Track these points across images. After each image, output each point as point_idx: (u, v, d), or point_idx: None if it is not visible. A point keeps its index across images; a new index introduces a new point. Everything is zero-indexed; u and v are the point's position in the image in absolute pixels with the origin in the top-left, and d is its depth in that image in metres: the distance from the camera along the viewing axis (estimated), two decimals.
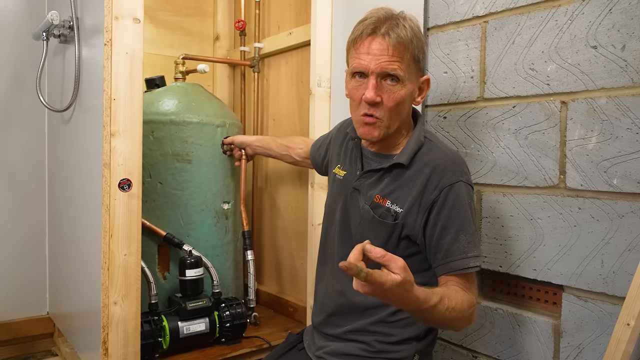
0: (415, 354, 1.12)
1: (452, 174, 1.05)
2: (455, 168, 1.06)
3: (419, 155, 1.09)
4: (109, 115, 1.31)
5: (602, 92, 1.08)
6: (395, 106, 1.04)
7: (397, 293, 0.84)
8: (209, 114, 1.82)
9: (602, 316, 1.08)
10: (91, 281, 1.43)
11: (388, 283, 0.82)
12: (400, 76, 1.02)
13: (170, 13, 2.28)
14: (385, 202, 1.09)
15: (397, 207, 1.08)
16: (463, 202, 1.04)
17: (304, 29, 1.92)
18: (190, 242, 1.76)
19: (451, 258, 1.03)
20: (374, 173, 1.13)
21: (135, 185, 1.35)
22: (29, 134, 1.97)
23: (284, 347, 1.29)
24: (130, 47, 1.33)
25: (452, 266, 1.03)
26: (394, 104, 1.04)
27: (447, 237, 1.04)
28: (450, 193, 1.04)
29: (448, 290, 1.00)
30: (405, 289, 0.84)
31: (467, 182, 1.07)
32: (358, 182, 1.15)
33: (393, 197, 1.09)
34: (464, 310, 0.98)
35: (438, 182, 1.05)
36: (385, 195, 1.10)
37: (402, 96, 1.04)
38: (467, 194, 1.06)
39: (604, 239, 1.07)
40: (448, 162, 1.07)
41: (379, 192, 1.11)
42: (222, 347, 1.69)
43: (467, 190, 1.06)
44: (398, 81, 1.03)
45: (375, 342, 1.12)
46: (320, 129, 1.66)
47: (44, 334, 1.99)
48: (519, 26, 1.22)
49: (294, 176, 2.06)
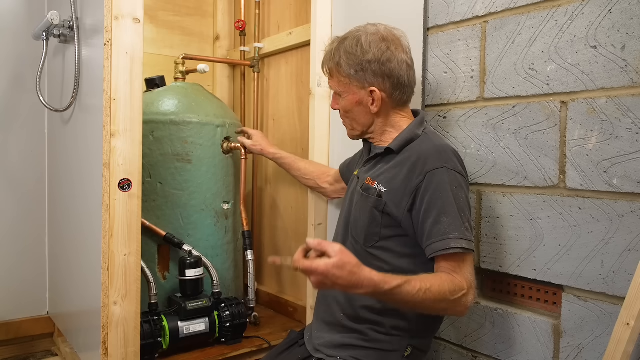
0: (408, 346, 1.14)
1: (436, 160, 1.09)
2: (440, 156, 1.10)
3: (412, 145, 1.16)
4: (109, 115, 1.31)
5: (602, 92, 1.08)
6: (344, 112, 1.25)
7: (342, 275, 0.91)
8: (209, 114, 1.82)
9: (602, 316, 1.08)
10: (91, 281, 1.43)
11: (322, 266, 0.90)
12: (338, 90, 1.24)
13: (171, 13, 2.28)
14: (374, 184, 1.17)
15: (381, 187, 1.15)
16: (445, 186, 1.07)
17: (304, 29, 1.92)
18: (190, 242, 1.76)
19: (432, 240, 1.06)
20: (371, 160, 1.25)
21: (135, 185, 1.35)
22: (29, 133, 1.97)
23: (286, 344, 1.31)
24: (130, 47, 1.33)
25: (434, 247, 1.06)
26: (342, 111, 1.25)
27: (429, 220, 1.07)
28: (433, 178, 1.08)
29: (425, 275, 1.02)
30: (348, 270, 0.91)
31: (453, 169, 1.10)
32: (359, 171, 1.27)
33: (380, 179, 1.17)
34: (444, 292, 1.00)
35: (423, 167, 1.09)
36: (375, 177, 1.18)
37: (344, 105, 1.23)
38: (452, 180, 1.08)
39: (604, 239, 1.07)
40: (434, 150, 1.12)
41: (370, 175, 1.21)
42: (222, 347, 1.69)
43: (453, 176, 1.09)
44: (340, 95, 1.24)
45: (369, 330, 1.15)
46: (320, 129, 1.67)
47: (44, 334, 2.00)
48: (519, 26, 1.22)
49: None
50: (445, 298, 1.00)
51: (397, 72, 1.16)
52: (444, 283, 1.01)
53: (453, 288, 1.01)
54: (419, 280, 0.99)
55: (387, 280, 0.95)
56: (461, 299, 1.03)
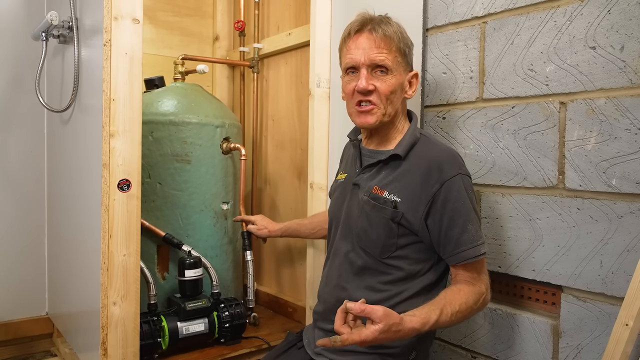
0: (413, 350, 1.13)
1: (451, 167, 1.09)
2: (453, 161, 1.10)
3: (415, 150, 1.14)
4: (108, 116, 1.31)
5: (601, 93, 1.08)
6: (389, 93, 1.12)
7: (388, 337, 0.93)
8: (208, 114, 1.83)
9: (600, 316, 1.08)
10: (90, 281, 1.43)
11: (370, 336, 0.91)
12: (389, 66, 1.11)
13: (170, 13, 2.28)
14: (383, 193, 1.13)
15: (395, 197, 1.11)
16: (463, 193, 1.08)
17: (303, 30, 1.92)
18: (190, 242, 1.76)
19: (462, 248, 1.08)
20: (372, 167, 1.18)
21: (134, 186, 1.35)
22: (28, 134, 1.97)
23: (284, 346, 1.30)
24: (129, 48, 1.33)
25: (464, 255, 1.08)
26: (387, 91, 1.11)
27: (455, 228, 1.08)
28: (452, 186, 1.08)
29: (449, 294, 1.05)
30: (393, 330, 0.93)
31: (466, 173, 1.12)
32: (358, 178, 1.20)
33: (390, 188, 1.12)
34: (470, 306, 1.06)
35: (439, 175, 1.08)
36: (383, 187, 1.13)
37: (393, 84, 1.11)
38: (467, 185, 1.10)
39: (603, 239, 1.08)
40: (445, 156, 1.11)
41: (377, 184, 1.15)
42: (221, 347, 1.69)
43: (468, 181, 1.11)
44: (387, 71, 1.11)
45: None
46: (319, 129, 1.67)
47: (43, 334, 1.99)
48: (518, 27, 1.22)
49: (293, 177, 2.06)
50: (472, 310, 1.07)
51: None
52: (469, 297, 1.06)
53: (477, 298, 1.07)
54: (448, 305, 1.03)
55: (426, 321, 0.99)
56: (484, 302, 1.09)
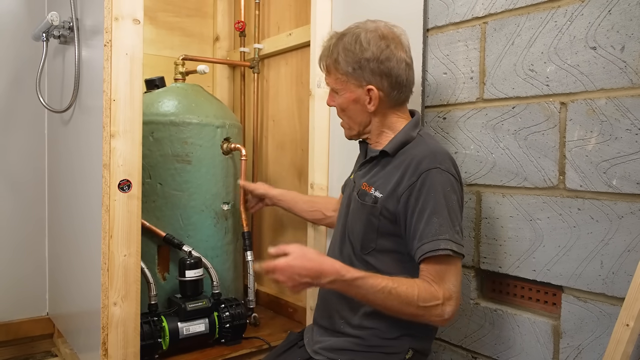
0: (410, 349, 1.13)
1: (430, 162, 1.08)
2: (435, 157, 1.09)
3: (407, 148, 1.15)
4: (109, 116, 1.31)
5: (602, 93, 1.08)
6: (340, 110, 1.22)
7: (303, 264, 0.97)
8: (209, 114, 1.83)
9: (601, 317, 1.08)
10: (91, 282, 1.43)
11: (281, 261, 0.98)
12: (334, 87, 1.21)
13: (170, 14, 2.28)
14: (370, 189, 1.16)
15: (378, 193, 1.14)
16: (437, 187, 1.06)
17: (303, 30, 1.92)
18: (190, 242, 1.76)
19: (423, 241, 1.04)
20: (367, 164, 1.23)
21: (135, 186, 1.35)
22: (28, 134, 1.97)
23: (285, 346, 1.31)
24: (130, 48, 1.33)
25: (423, 249, 1.04)
26: (339, 108, 1.23)
27: (421, 221, 1.05)
28: (426, 178, 1.07)
29: (400, 277, 1.03)
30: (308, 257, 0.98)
31: (446, 170, 1.08)
32: (355, 175, 1.25)
33: (377, 185, 1.15)
34: (412, 296, 1.00)
35: (417, 168, 1.08)
36: (371, 183, 1.17)
37: (340, 103, 1.21)
38: (444, 181, 1.07)
39: (604, 239, 1.07)
40: (429, 153, 1.11)
41: (367, 180, 1.19)
42: (221, 347, 1.69)
43: (446, 177, 1.07)
44: (336, 92, 1.21)
45: (370, 336, 1.14)
46: (319, 129, 1.67)
47: (44, 335, 2.00)
48: (519, 27, 1.22)
49: (293, 177, 2.06)
50: (413, 303, 1.00)
51: (396, 71, 1.15)
52: (415, 288, 1.01)
53: (425, 296, 1.00)
54: (387, 279, 1.00)
55: (350, 270, 0.98)
56: (433, 308, 1.01)
